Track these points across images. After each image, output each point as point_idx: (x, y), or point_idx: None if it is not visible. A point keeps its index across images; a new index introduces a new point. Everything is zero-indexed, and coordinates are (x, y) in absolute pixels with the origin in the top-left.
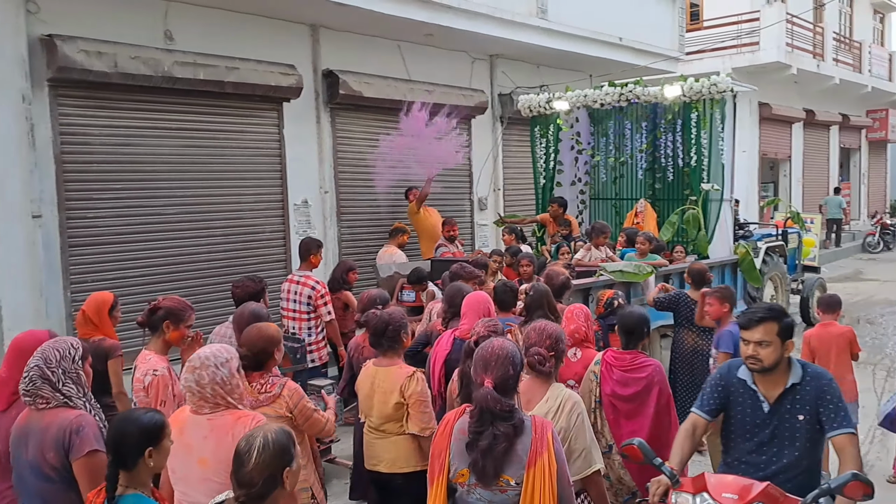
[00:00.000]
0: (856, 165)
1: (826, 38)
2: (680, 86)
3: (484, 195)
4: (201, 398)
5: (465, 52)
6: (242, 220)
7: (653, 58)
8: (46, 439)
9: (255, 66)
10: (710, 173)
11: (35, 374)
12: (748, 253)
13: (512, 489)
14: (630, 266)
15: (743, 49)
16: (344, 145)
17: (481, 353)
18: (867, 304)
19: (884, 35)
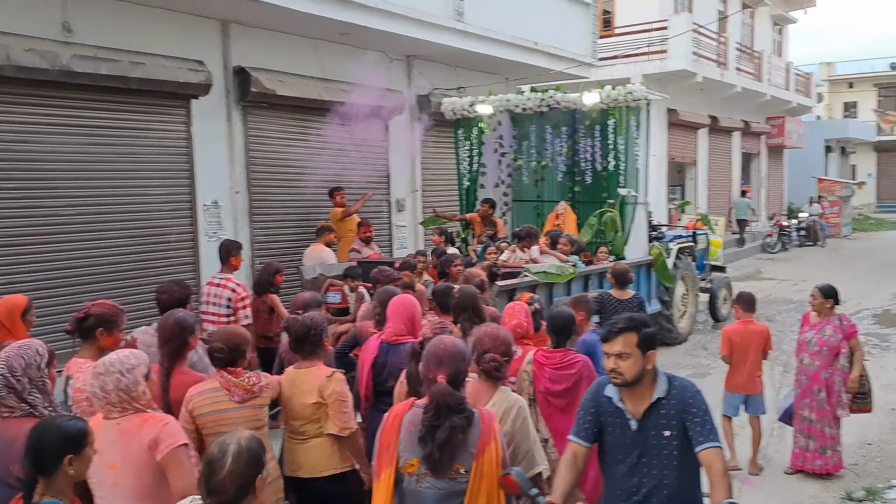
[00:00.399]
0: (756, 170)
1: (729, 48)
2: (598, 93)
3: (402, 196)
4: (107, 403)
5: (382, 52)
6: (148, 221)
7: (567, 63)
8: (12, 451)
9: (161, 62)
10: (626, 177)
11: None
12: (661, 254)
13: (461, 477)
14: (553, 267)
15: (652, 57)
16: (257, 144)
17: (433, 351)
18: (766, 302)
19: (782, 46)
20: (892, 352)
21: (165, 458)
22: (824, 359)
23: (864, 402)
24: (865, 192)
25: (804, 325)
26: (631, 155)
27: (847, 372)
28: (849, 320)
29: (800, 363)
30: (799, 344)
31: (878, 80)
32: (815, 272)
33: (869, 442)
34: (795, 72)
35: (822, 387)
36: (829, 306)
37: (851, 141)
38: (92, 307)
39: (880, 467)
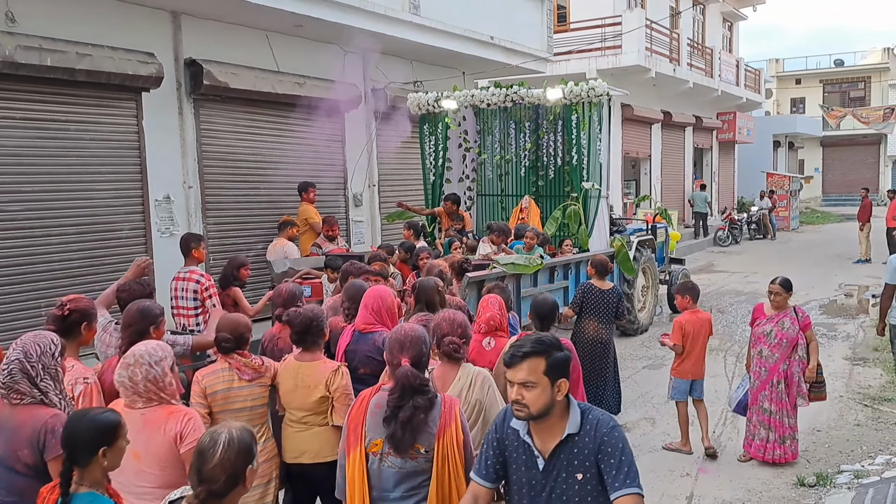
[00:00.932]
0: (708, 164)
1: (681, 44)
2: (561, 89)
3: (359, 191)
4: (134, 393)
5: (337, 45)
6: (98, 217)
7: (523, 57)
8: (20, 437)
9: (109, 54)
10: (589, 171)
11: (15, 368)
12: (623, 246)
13: (422, 456)
14: (521, 259)
15: (607, 52)
16: (209, 138)
17: (396, 337)
18: (718, 293)
19: (732, 42)
20: (839, 341)
21: (188, 453)
22: (784, 350)
23: (819, 390)
24: (812, 186)
25: (759, 318)
26: (593, 149)
27: (805, 362)
28: (803, 312)
29: (758, 355)
30: (756, 337)
31: (824, 77)
32: (765, 265)
33: (818, 429)
34: (745, 68)
35: (781, 378)
36: (788, 297)
37: (799, 136)
38: (69, 303)
39: (829, 453)
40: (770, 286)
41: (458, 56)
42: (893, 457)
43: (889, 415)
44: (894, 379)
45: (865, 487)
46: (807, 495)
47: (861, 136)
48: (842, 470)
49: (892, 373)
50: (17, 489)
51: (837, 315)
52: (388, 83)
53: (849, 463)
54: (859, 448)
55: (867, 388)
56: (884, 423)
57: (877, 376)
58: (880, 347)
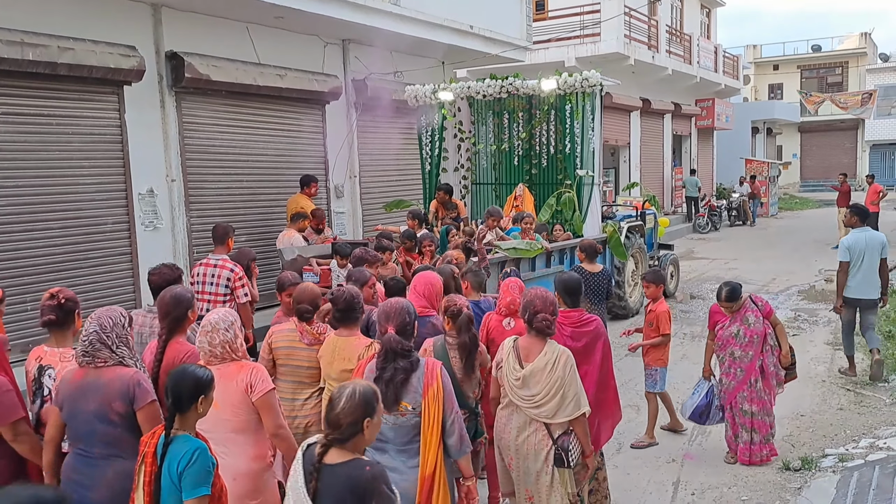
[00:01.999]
0: (687, 151)
1: (660, 31)
2: (555, 80)
3: (340, 182)
4: (212, 355)
5: (317, 36)
6: (81, 211)
7: (502, 46)
8: (111, 392)
9: (91, 47)
10: (582, 159)
11: (94, 339)
12: (615, 231)
13: (410, 413)
14: (522, 244)
15: (586, 40)
16: (192, 131)
17: (384, 309)
18: (699, 280)
19: (710, 29)
20: (820, 326)
21: (259, 400)
22: (756, 347)
23: (792, 371)
24: (790, 171)
25: (720, 320)
26: (586, 138)
27: (778, 350)
28: (761, 300)
29: (730, 357)
30: (724, 340)
31: (801, 62)
32: (745, 251)
33: (802, 413)
34: (724, 54)
35: (758, 376)
36: (740, 302)
37: (777, 122)
38: (59, 293)
39: (813, 437)
40: (721, 304)
41: (437, 46)
42: (877, 440)
43: (871, 398)
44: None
45: (850, 471)
46: (792, 479)
47: (839, 122)
48: (826, 454)
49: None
50: (111, 439)
51: (818, 300)
52: (369, 74)
53: (833, 447)
54: (843, 432)
55: (849, 373)
56: (866, 407)
57: (858, 360)
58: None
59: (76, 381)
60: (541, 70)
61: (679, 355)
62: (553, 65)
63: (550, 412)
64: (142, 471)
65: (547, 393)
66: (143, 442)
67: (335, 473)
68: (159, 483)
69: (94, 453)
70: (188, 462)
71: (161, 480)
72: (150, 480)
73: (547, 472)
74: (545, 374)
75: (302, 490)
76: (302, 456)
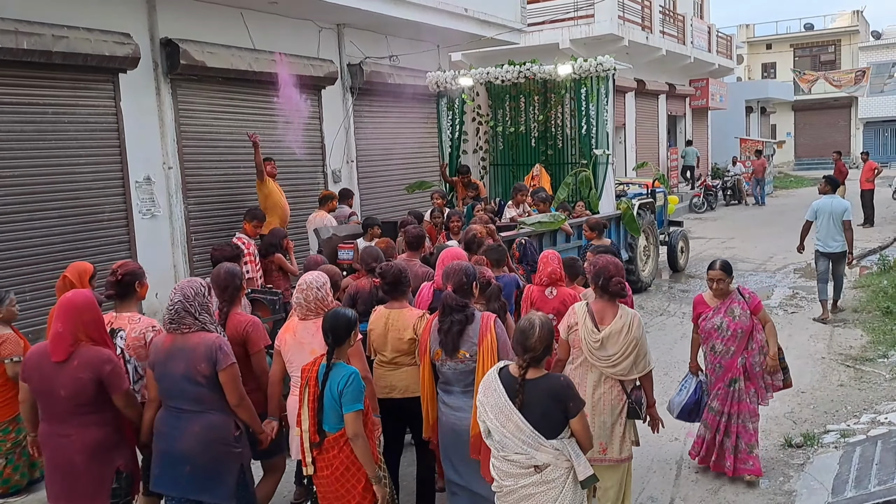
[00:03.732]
0: (682, 131)
1: (653, 12)
2: (571, 65)
3: (337, 167)
4: (307, 309)
5: (312, 21)
6: (78, 200)
7: (497, 29)
8: (197, 356)
9: (85, 35)
10: (598, 140)
11: (179, 307)
12: (629, 208)
13: (468, 360)
14: (545, 217)
15: (580, 21)
16: (188, 118)
17: (445, 271)
18: (697, 260)
19: (703, 9)
20: (817, 303)
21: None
22: (739, 342)
23: (785, 377)
24: (785, 150)
25: (704, 311)
26: (601, 119)
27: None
28: (749, 292)
29: (711, 351)
30: (706, 333)
31: (794, 41)
32: (741, 230)
33: (802, 390)
34: (717, 34)
35: (737, 375)
36: (730, 282)
37: (771, 101)
38: (119, 268)
39: (814, 414)
40: (709, 272)
41: (432, 29)
42: (878, 415)
43: (871, 374)
44: (875, 339)
45: (852, 446)
46: (795, 455)
47: (832, 100)
48: (828, 430)
49: (871, 333)
50: (197, 396)
51: (815, 278)
52: (364, 58)
53: (834, 423)
54: (844, 408)
55: (849, 349)
56: (866, 383)
57: (857, 337)
58: (859, 308)
59: (166, 346)
60: (534, 52)
61: (679, 334)
62: (547, 47)
63: (626, 370)
64: (306, 392)
65: (623, 353)
66: (304, 370)
67: (537, 386)
68: (321, 402)
69: (183, 409)
70: (346, 383)
71: (323, 399)
72: (313, 399)
73: (620, 424)
74: (622, 336)
75: (508, 403)
76: (498, 377)
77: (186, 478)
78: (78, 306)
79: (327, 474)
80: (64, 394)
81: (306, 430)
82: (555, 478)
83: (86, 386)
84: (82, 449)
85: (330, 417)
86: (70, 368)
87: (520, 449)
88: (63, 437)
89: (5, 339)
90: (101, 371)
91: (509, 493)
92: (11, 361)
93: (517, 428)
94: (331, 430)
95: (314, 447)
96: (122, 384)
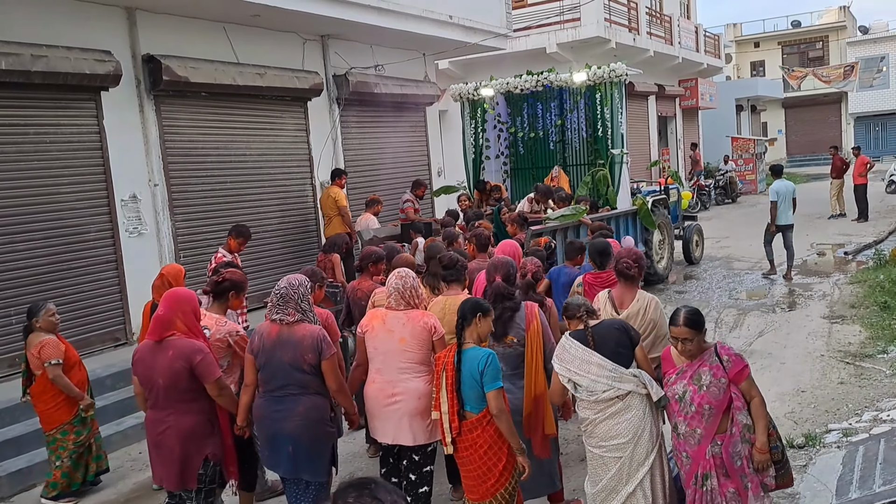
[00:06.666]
0: (672, 132)
1: (640, 13)
2: (585, 72)
3: (326, 179)
4: (401, 297)
5: (296, 33)
6: (64, 220)
7: (483, 35)
8: (304, 346)
9: (65, 54)
10: (613, 141)
11: (283, 292)
12: (644, 204)
13: (515, 345)
14: (568, 210)
15: (566, 25)
16: (172, 134)
17: (493, 262)
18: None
19: (689, 9)
20: (815, 300)
21: (438, 339)
22: (709, 423)
23: (783, 471)
24: (777, 148)
25: (668, 370)
26: (616, 121)
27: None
28: (730, 352)
29: (674, 432)
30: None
31: (782, 38)
32: (735, 229)
33: (803, 389)
34: (705, 34)
35: (709, 469)
36: (702, 338)
37: (761, 99)
38: (226, 274)
39: (815, 413)
40: (671, 329)
41: (417, 37)
42: (880, 412)
43: (871, 371)
44: (873, 335)
45: (855, 445)
46: (797, 456)
47: (822, 96)
48: (830, 429)
49: (869, 328)
50: (302, 382)
51: (812, 275)
52: (349, 69)
53: (836, 421)
54: (845, 406)
55: (847, 346)
56: (867, 380)
57: (856, 333)
58: (857, 304)
59: (272, 336)
60: (521, 58)
61: None
62: (535, 52)
63: (646, 348)
64: (444, 377)
65: (642, 333)
66: (439, 358)
67: (600, 327)
68: (459, 384)
69: (286, 393)
70: (486, 363)
71: (461, 382)
72: (451, 383)
73: None
74: (639, 318)
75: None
76: (569, 335)
77: (289, 458)
78: (180, 297)
79: (470, 454)
80: (162, 382)
81: (445, 412)
82: (635, 403)
83: (180, 374)
84: (176, 434)
85: (471, 396)
86: (167, 358)
87: (606, 385)
88: (162, 423)
89: (45, 343)
90: (193, 360)
91: (596, 425)
92: (50, 364)
93: (600, 367)
94: (472, 410)
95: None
96: (214, 373)
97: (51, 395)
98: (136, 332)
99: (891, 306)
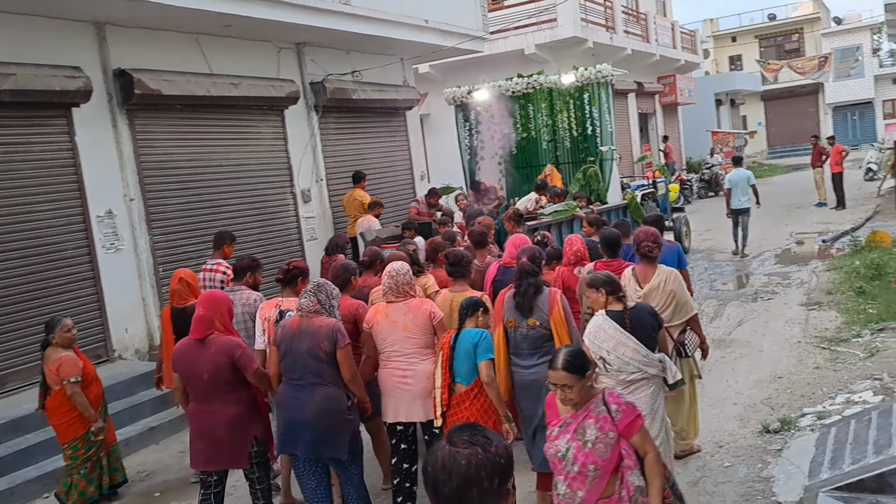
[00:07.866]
0: (653, 128)
1: (616, 12)
2: (573, 74)
3: (307, 187)
4: (397, 292)
5: (270, 42)
6: (39, 238)
7: (459, 38)
8: (321, 335)
9: (34, 71)
10: (602, 138)
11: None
12: (634, 198)
13: (538, 327)
14: (560, 206)
15: (543, 26)
16: (147, 148)
17: (521, 249)
18: None
19: (666, 6)
20: (793, 288)
21: (439, 323)
22: (592, 487)
23: None
24: (757, 140)
25: (551, 420)
26: (604, 120)
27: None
28: (619, 401)
29: (554, 491)
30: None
31: (758, 32)
32: (718, 221)
33: (779, 375)
34: (681, 30)
35: None
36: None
37: (740, 92)
38: (292, 263)
39: (791, 398)
40: (550, 373)
41: (394, 42)
42: (852, 395)
43: (846, 354)
44: (849, 319)
45: (828, 427)
46: (773, 441)
47: (799, 88)
48: (804, 413)
49: (845, 314)
50: (318, 371)
51: (791, 263)
52: (326, 75)
53: (811, 405)
54: (820, 390)
55: (824, 331)
56: (841, 364)
57: (832, 318)
58: (833, 290)
59: (293, 328)
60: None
61: None
62: (513, 54)
63: (669, 317)
64: (440, 355)
65: (663, 303)
66: (441, 341)
67: (637, 310)
68: (452, 361)
69: (305, 382)
70: (480, 338)
71: (454, 358)
72: (445, 360)
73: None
74: (660, 290)
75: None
76: (605, 313)
77: (308, 441)
78: (217, 299)
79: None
80: (206, 377)
81: (439, 386)
82: (655, 381)
83: (223, 368)
84: (225, 422)
85: (462, 369)
86: (209, 354)
87: (636, 368)
88: (209, 413)
89: (62, 361)
90: (234, 354)
91: None
92: (69, 382)
93: (635, 351)
94: (462, 381)
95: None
96: (252, 364)
97: (66, 409)
98: (130, 347)
99: (866, 291)
